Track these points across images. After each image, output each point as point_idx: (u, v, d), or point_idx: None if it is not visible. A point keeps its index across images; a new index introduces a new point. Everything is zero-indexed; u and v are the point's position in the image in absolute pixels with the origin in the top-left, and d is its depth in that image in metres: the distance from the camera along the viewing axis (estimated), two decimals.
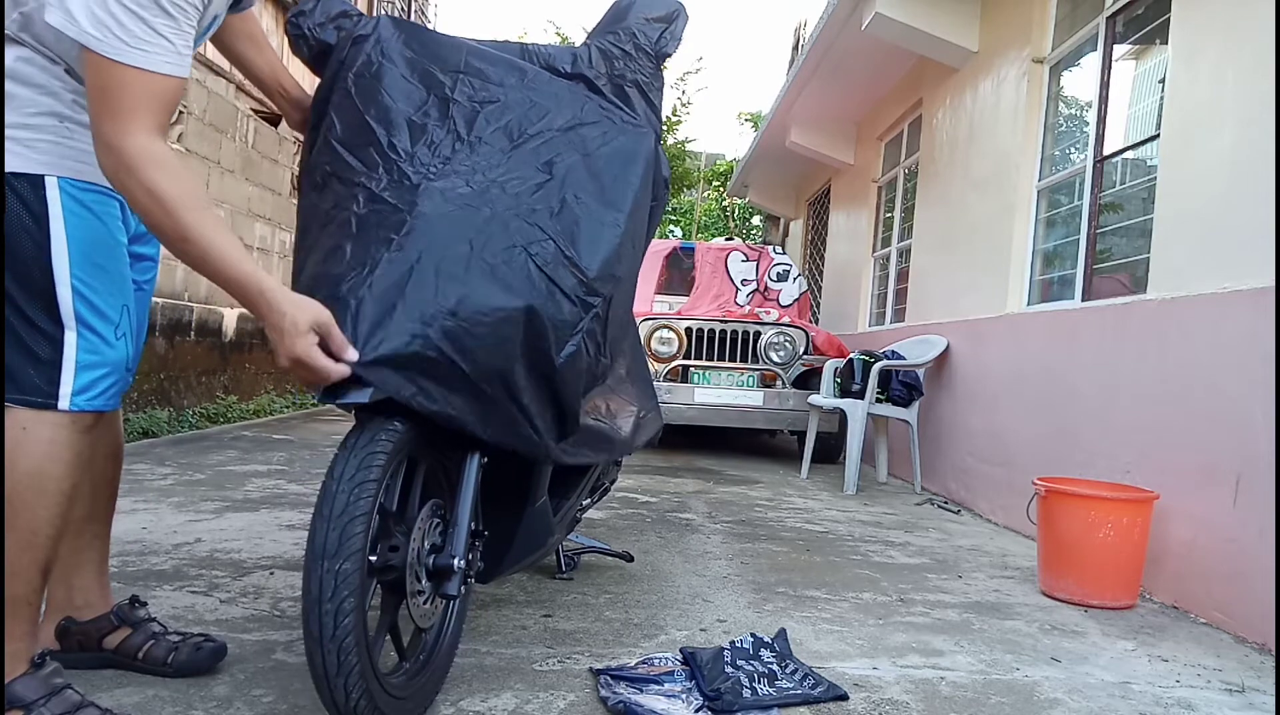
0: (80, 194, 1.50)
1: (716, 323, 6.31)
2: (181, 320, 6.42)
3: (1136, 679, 2.24)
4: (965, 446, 4.92)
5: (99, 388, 1.52)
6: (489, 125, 1.82)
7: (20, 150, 1.44)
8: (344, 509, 1.45)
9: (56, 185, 1.46)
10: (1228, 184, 2.95)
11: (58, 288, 1.46)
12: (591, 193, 1.80)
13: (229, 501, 3.70)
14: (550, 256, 1.69)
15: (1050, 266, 4.56)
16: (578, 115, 1.88)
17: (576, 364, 1.76)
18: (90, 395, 1.51)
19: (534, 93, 1.88)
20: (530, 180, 1.77)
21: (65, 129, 1.48)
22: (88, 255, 1.50)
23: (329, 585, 1.41)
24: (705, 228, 22.22)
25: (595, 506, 3.11)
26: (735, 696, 1.88)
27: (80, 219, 1.49)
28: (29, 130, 1.45)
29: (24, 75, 1.45)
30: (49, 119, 1.47)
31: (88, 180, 1.50)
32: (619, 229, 1.79)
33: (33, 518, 1.45)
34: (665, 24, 2.05)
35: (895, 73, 6.90)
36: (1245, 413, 2.73)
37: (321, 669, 1.43)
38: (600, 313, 1.77)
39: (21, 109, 1.45)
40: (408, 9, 13.01)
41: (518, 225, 1.70)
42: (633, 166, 1.87)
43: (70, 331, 1.48)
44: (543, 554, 2.26)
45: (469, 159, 1.76)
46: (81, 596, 1.80)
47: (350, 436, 1.56)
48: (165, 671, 1.82)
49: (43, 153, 1.46)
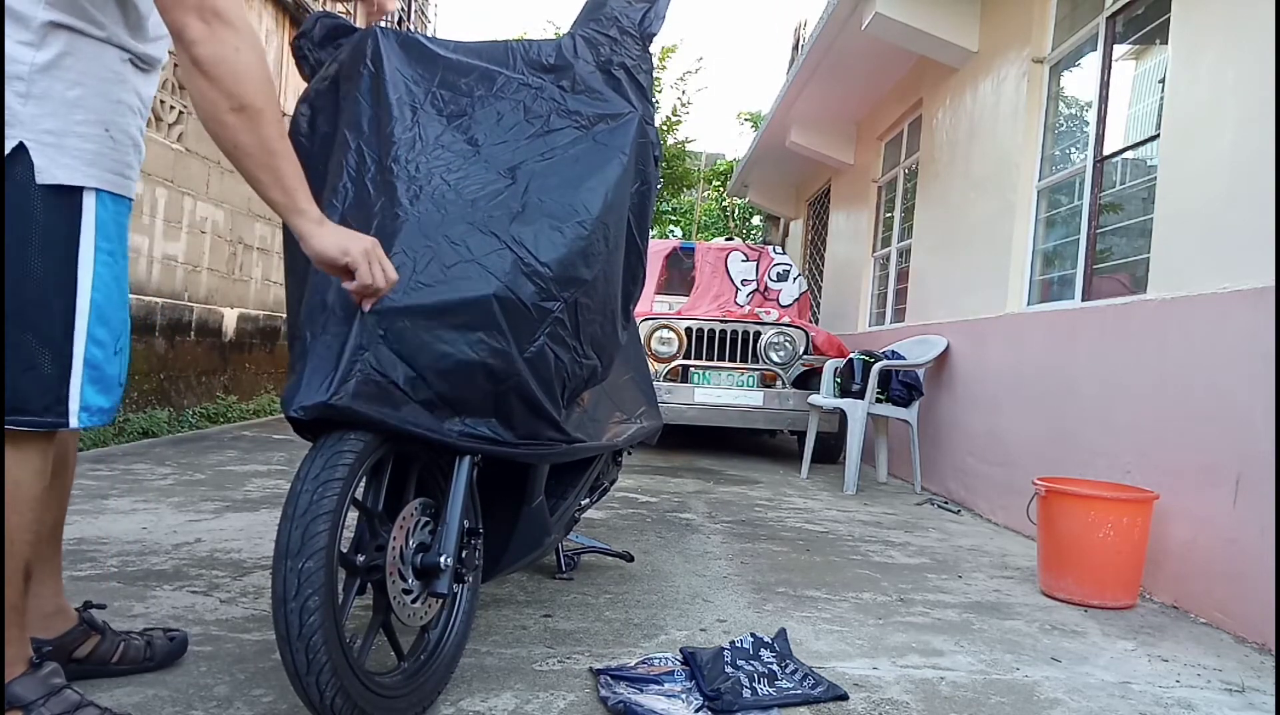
0: (113, 204, 1.47)
1: (716, 323, 6.31)
2: (181, 320, 6.42)
3: (1136, 679, 2.24)
4: (965, 446, 4.92)
5: (102, 403, 1.49)
6: (456, 136, 1.85)
7: (67, 161, 1.39)
8: (307, 508, 1.46)
9: (94, 197, 1.43)
10: (1228, 184, 2.95)
11: (78, 302, 1.42)
12: (555, 196, 1.81)
13: (229, 501, 3.70)
14: (508, 264, 1.70)
15: (1050, 266, 4.56)
16: (545, 122, 1.90)
17: (542, 368, 1.77)
18: (93, 411, 1.47)
19: (502, 101, 1.91)
20: (491, 186, 1.79)
21: (109, 139, 1.44)
22: (109, 271, 1.47)
23: (292, 584, 1.42)
24: (705, 228, 22.22)
25: (595, 506, 3.11)
26: (735, 696, 1.88)
27: (107, 233, 1.45)
28: (76, 138, 1.40)
29: (73, 69, 1.39)
30: (95, 128, 1.42)
31: (120, 194, 1.48)
32: (584, 231, 1.80)
33: (11, 525, 1.42)
34: (648, 4, 2.07)
35: (895, 73, 6.90)
36: (1245, 413, 2.73)
37: (292, 667, 1.43)
38: (562, 315, 1.78)
39: (68, 116, 1.39)
40: (408, 9, 13.01)
41: (470, 232, 1.71)
42: (601, 170, 1.88)
43: (79, 346, 1.43)
44: (541, 553, 2.26)
45: (429, 169, 1.78)
46: (52, 604, 1.75)
47: (320, 438, 1.58)
48: (149, 666, 1.82)
49: (87, 163, 1.41)
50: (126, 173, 1.51)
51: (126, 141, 1.50)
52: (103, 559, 2.69)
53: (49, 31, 1.37)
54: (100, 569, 2.59)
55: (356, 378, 1.56)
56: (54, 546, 1.74)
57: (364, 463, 1.57)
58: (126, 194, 1.51)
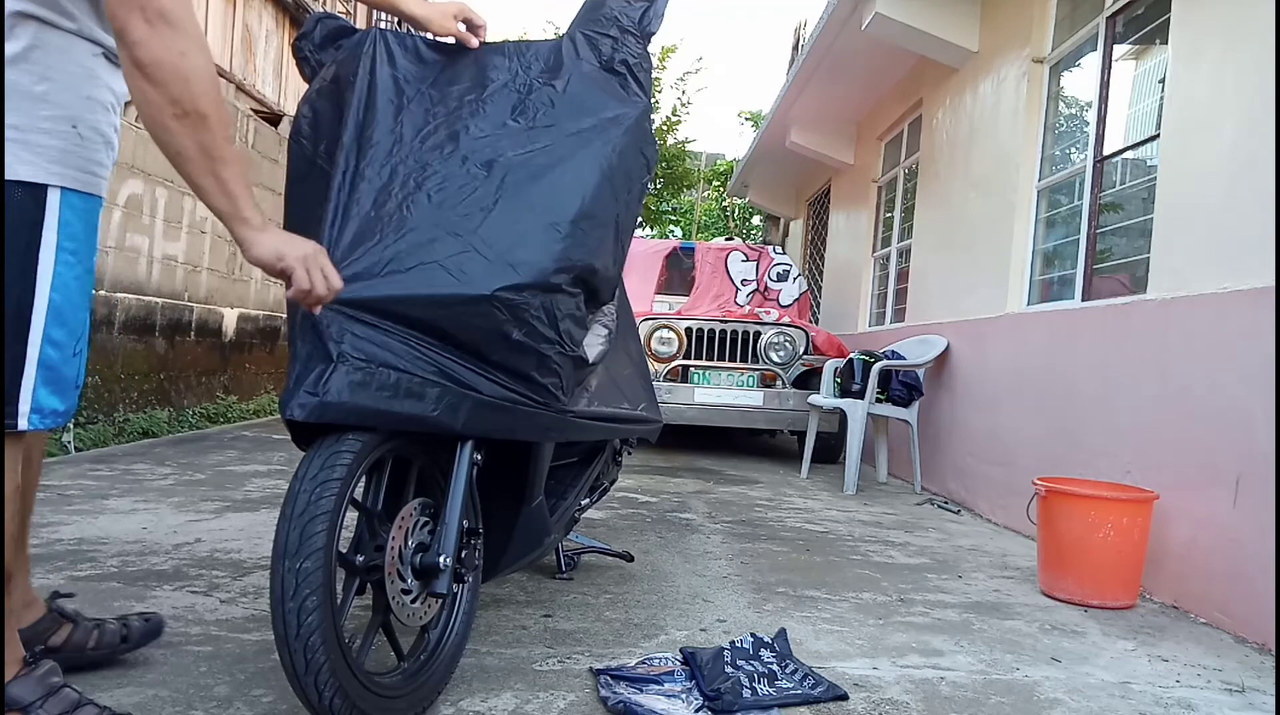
0: (80, 203, 1.44)
1: (716, 323, 6.31)
2: (181, 320, 6.42)
3: (1136, 679, 2.24)
4: (965, 446, 4.92)
5: (56, 406, 1.44)
6: (440, 136, 1.85)
7: (30, 158, 1.36)
8: (305, 508, 1.46)
9: (59, 195, 1.39)
10: (1228, 184, 2.95)
11: (35, 301, 1.37)
12: (537, 197, 1.81)
13: (229, 501, 3.70)
14: (477, 263, 1.69)
15: (1050, 266, 4.56)
16: (533, 122, 1.90)
17: (520, 365, 1.76)
18: (45, 413, 1.42)
19: (494, 103, 1.91)
20: (468, 184, 1.79)
21: (77, 135, 1.42)
22: (70, 271, 1.43)
23: (290, 584, 1.42)
24: (705, 228, 22.22)
25: (595, 506, 3.11)
26: (735, 696, 1.88)
27: (72, 233, 1.42)
28: (41, 134, 1.37)
29: (40, 63, 1.36)
30: (62, 124, 1.39)
31: (88, 192, 1.46)
32: (559, 233, 1.79)
33: None
34: (647, 3, 2.08)
35: (895, 73, 6.90)
36: (1245, 413, 2.73)
37: (291, 668, 1.43)
38: (538, 314, 1.77)
39: (32, 111, 1.36)
40: None
41: (441, 232, 1.71)
42: (582, 173, 1.87)
43: (34, 347, 1.38)
44: (541, 553, 2.26)
45: (406, 171, 1.79)
46: (20, 599, 1.73)
47: (319, 438, 1.58)
48: (124, 649, 1.82)
49: (51, 160, 1.38)
50: (96, 170, 1.47)
51: (97, 139, 1.46)
52: (103, 559, 2.70)
53: (16, 22, 1.34)
54: (100, 569, 2.59)
55: (340, 373, 1.56)
56: (21, 542, 1.73)
57: (362, 462, 1.57)
58: (96, 192, 1.48)
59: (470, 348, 1.69)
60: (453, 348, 1.68)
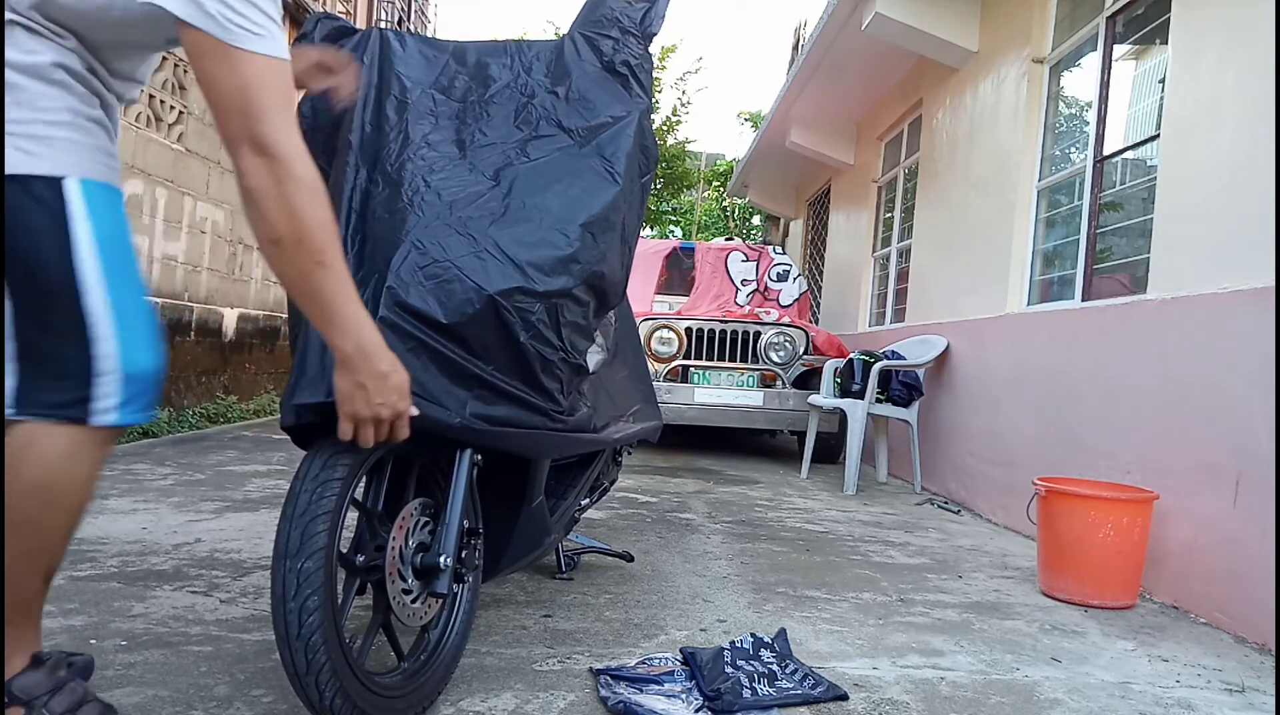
0: (102, 193, 1.40)
1: (716, 323, 6.31)
2: (181, 320, 6.42)
3: (1136, 679, 2.24)
4: (965, 446, 4.92)
5: (138, 400, 1.42)
6: (445, 137, 1.86)
7: (40, 150, 1.33)
8: (306, 508, 1.46)
9: (78, 185, 1.36)
10: (1228, 184, 2.95)
11: (88, 295, 1.35)
12: (540, 201, 1.81)
13: (229, 501, 3.70)
14: (487, 267, 1.70)
15: (1050, 266, 4.56)
16: (535, 127, 1.91)
17: (525, 365, 1.76)
18: (131, 408, 1.40)
19: (496, 105, 1.91)
20: (473, 188, 1.79)
21: (83, 126, 1.39)
22: (117, 258, 1.40)
23: (291, 584, 1.42)
24: (705, 228, 22.22)
25: (595, 506, 3.11)
26: (735, 696, 1.88)
27: (103, 218, 1.39)
28: (50, 128, 1.35)
29: (37, 68, 1.34)
30: (67, 115, 1.37)
31: (105, 181, 1.43)
32: (567, 238, 1.79)
33: (38, 531, 1.38)
34: (648, 4, 2.09)
35: (895, 73, 6.90)
36: (1245, 413, 2.73)
37: (291, 668, 1.43)
38: (542, 317, 1.77)
39: (36, 105, 1.34)
40: (408, 10, 13.01)
41: (449, 234, 1.71)
42: (587, 177, 1.88)
43: (107, 342, 1.36)
44: (541, 553, 2.26)
45: (413, 171, 1.79)
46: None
47: (320, 439, 1.58)
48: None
49: (64, 152, 1.36)
50: (107, 160, 1.45)
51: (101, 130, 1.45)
52: (103, 559, 2.69)
53: None
54: (100, 569, 2.59)
55: None
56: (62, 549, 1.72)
57: (363, 462, 1.57)
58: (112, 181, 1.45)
59: (475, 350, 1.69)
60: (458, 350, 1.67)
